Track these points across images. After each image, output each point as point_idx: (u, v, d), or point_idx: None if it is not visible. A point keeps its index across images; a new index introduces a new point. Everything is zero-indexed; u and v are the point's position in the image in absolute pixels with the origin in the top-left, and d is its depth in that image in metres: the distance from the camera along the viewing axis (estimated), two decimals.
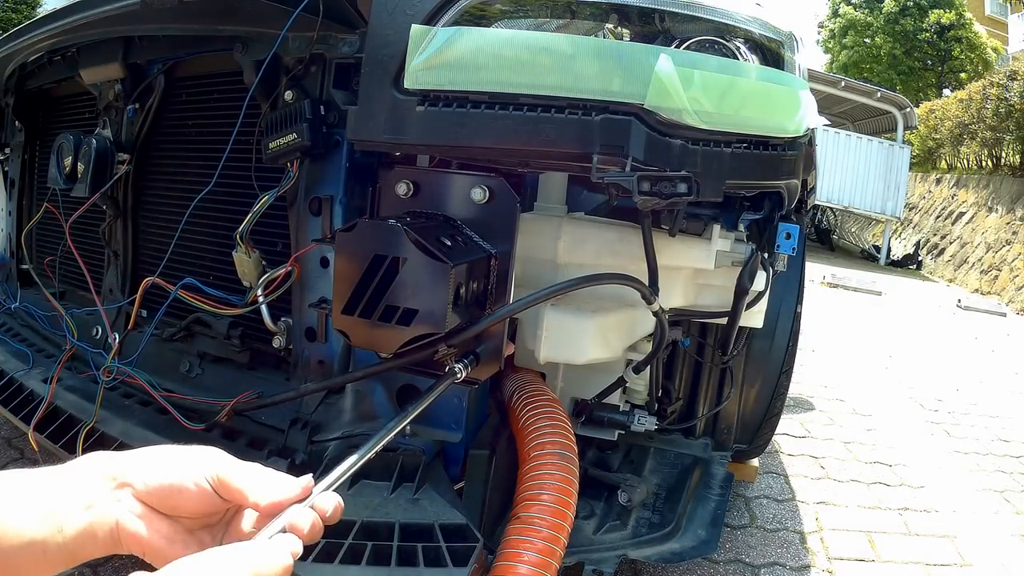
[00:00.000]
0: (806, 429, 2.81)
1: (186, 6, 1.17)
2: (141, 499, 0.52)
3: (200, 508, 0.53)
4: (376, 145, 1.02)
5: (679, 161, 0.90)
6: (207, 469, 0.53)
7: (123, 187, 1.56)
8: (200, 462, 0.54)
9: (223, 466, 0.54)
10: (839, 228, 14.31)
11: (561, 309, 1.24)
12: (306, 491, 0.54)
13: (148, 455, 0.54)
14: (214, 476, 0.53)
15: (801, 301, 1.76)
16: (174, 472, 0.53)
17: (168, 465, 0.53)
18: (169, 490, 0.52)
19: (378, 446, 0.65)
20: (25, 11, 12.45)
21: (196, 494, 0.53)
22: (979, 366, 4.56)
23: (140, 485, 0.52)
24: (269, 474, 0.55)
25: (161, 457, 0.54)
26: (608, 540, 1.33)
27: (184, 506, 0.53)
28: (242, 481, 0.53)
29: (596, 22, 1.01)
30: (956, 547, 1.96)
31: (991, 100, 9.74)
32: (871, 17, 19.01)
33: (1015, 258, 8.57)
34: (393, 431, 0.70)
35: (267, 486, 0.53)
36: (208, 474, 0.53)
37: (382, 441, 0.67)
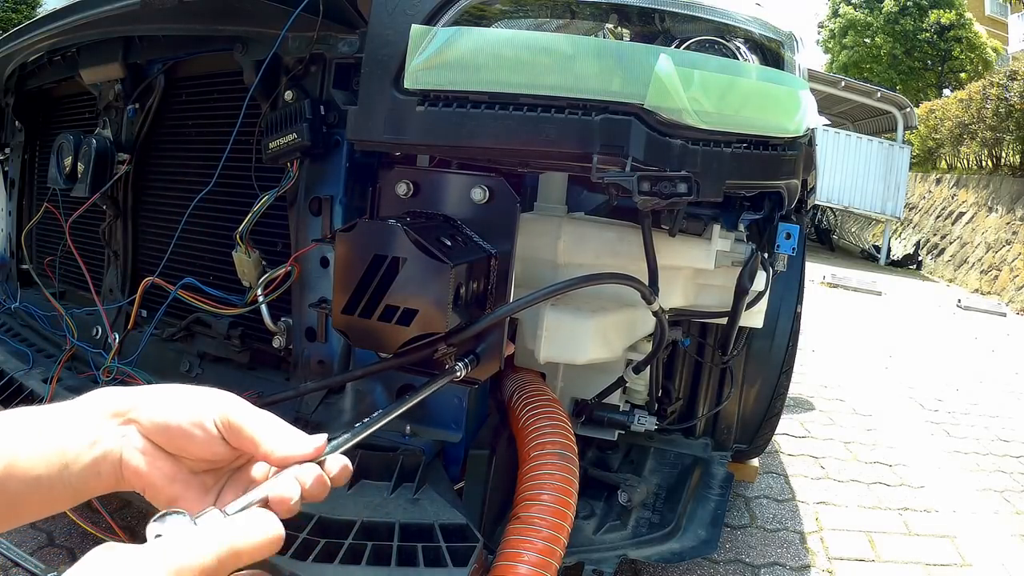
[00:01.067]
0: (806, 429, 2.81)
1: (186, 6, 1.17)
2: (146, 435, 0.51)
3: (206, 452, 0.52)
4: (376, 145, 1.02)
5: (679, 161, 0.90)
6: (216, 413, 0.52)
7: (123, 187, 1.56)
8: (211, 405, 0.52)
9: (235, 412, 0.52)
10: (839, 228, 14.32)
11: (561, 309, 1.24)
12: (318, 451, 0.53)
13: (158, 392, 0.53)
14: (224, 420, 0.52)
15: (801, 301, 1.76)
16: (182, 412, 0.51)
17: (177, 404, 0.52)
18: (175, 430, 0.51)
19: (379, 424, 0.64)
20: (25, 11, 12.45)
21: (203, 437, 0.51)
22: (979, 366, 4.56)
23: (146, 422, 0.51)
24: (282, 426, 0.54)
25: (171, 395, 0.53)
26: (608, 540, 1.33)
27: (189, 448, 0.52)
28: (254, 430, 0.52)
29: (596, 22, 1.01)
30: (956, 547, 1.96)
31: (991, 100, 9.74)
32: (871, 17, 19.01)
33: (1015, 258, 8.57)
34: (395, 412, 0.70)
35: (280, 438, 0.52)
36: (217, 418, 0.52)
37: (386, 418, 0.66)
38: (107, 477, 0.51)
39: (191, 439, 0.51)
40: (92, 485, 0.51)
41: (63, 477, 0.49)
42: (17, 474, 0.48)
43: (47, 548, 1.53)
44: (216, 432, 0.52)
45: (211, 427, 0.51)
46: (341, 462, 0.55)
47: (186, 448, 0.52)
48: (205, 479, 0.54)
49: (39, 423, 0.50)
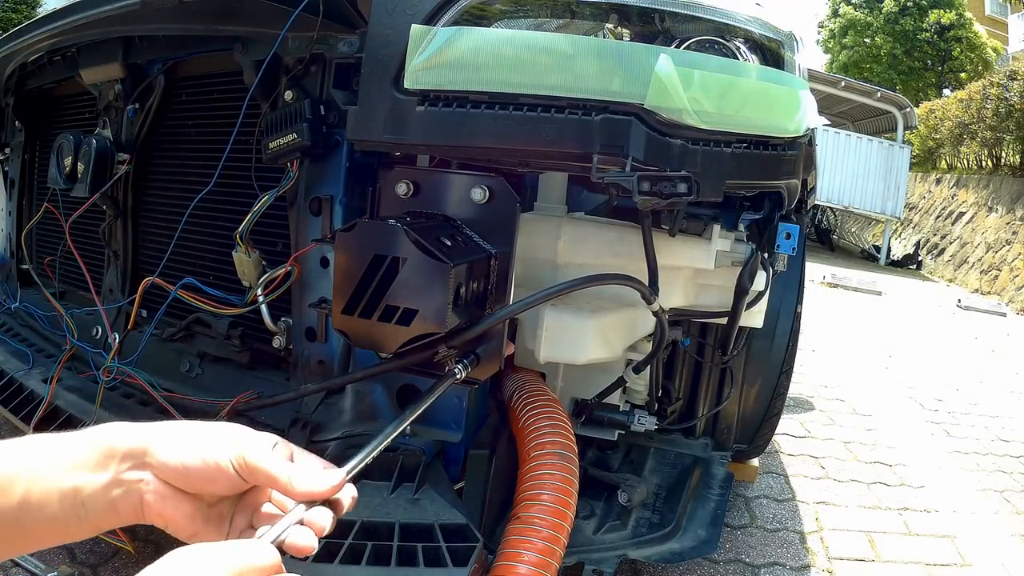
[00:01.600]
0: (806, 429, 2.81)
1: (186, 6, 1.18)
2: (164, 480, 0.52)
3: (222, 489, 0.54)
4: (376, 145, 1.02)
5: (679, 161, 0.90)
6: (232, 453, 0.53)
7: (123, 187, 1.56)
8: (225, 445, 0.54)
9: (250, 452, 0.53)
10: (839, 228, 14.32)
11: (561, 309, 1.24)
12: (335, 489, 0.55)
13: (171, 432, 0.54)
14: (240, 461, 0.53)
15: (801, 301, 1.76)
16: (198, 454, 0.53)
17: (192, 446, 0.53)
18: (193, 473, 0.52)
19: (384, 443, 0.66)
20: (25, 11, 12.45)
21: (218, 476, 0.53)
22: (979, 366, 4.56)
23: (162, 466, 0.52)
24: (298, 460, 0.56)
25: (185, 436, 0.54)
26: (608, 540, 1.33)
27: (207, 488, 0.53)
28: (270, 468, 0.53)
29: (596, 22, 1.01)
30: (956, 547, 1.96)
31: (991, 100, 9.74)
32: (871, 17, 19.01)
33: (1015, 258, 8.57)
34: (399, 428, 0.71)
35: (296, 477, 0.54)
36: (233, 458, 0.53)
37: (388, 438, 0.67)
38: (126, 515, 0.52)
39: (210, 481, 0.53)
40: (110, 522, 0.52)
41: (79, 514, 0.51)
42: (32, 508, 0.49)
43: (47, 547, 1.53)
44: (234, 473, 0.53)
45: (228, 468, 0.53)
46: (351, 494, 0.57)
47: (204, 488, 0.54)
48: (220, 508, 0.56)
49: (51, 457, 0.51)
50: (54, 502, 0.50)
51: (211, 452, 0.53)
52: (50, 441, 0.52)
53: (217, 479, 0.53)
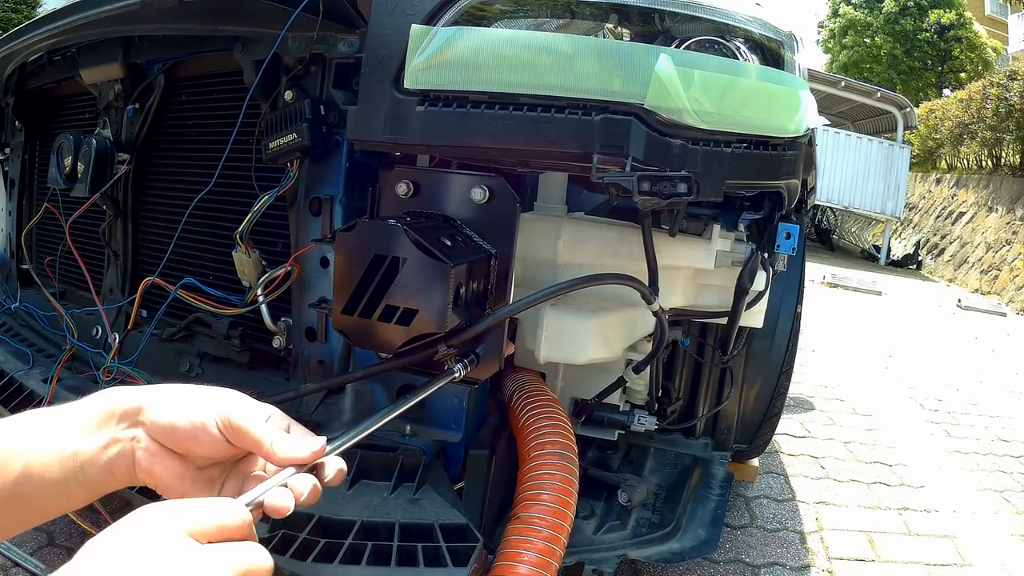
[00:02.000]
0: (806, 429, 2.81)
1: (186, 6, 1.18)
2: (154, 437, 0.54)
3: (210, 451, 0.55)
4: (376, 145, 1.02)
5: (679, 161, 0.90)
6: (218, 414, 0.54)
7: (123, 187, 1.56)
8: (212, 406, 0.55)
9: (236, 413, 0.54)
10: (839, 228, 14.31)
11: (561, 309, 1.24)
12: (316, 455, 0.55)
13: (162, 393, 0.56)
14: (225, 421, 0.54)
15: (801, 301, 1.76)
16: (185, 414, 0.54)
17: (181, 406, 0.54)
18: (180, 432, 0.54)
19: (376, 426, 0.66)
20: (25, 11, 12.45)
21: (205, 438, 0.54)
22: (979, 366, 4.56)
23: (152, 424, 0.54)
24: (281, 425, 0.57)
25: (174, 397, 0.55)
26: (608, 540, 1.33)
27: (194, 448, 0.54)
28: (255, 431, 0.54)
29: (596, 22, 1.01)
30: (956, 547, 1.96)
31: (991, 100, 9.74)
32: (871, 17, 19.01)
33: (1015, 258, 8.56)
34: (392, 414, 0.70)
35: (280, 441, 0.54)
36: (219, 419, 0.54)
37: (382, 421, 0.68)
38: (121, 476, 0.54)
39: (195, 440, 0.54)
40: (107, 483, 0.54)
41: (78, 478, 0.52)
42: (34, 477, 0.50)
43: (47, 548, 1.54)
44: (218, 433, 0.54)
45: (213, 429, 0.54)
46: (337, 465, 0.57)
47: (191, 448, 0.54)
48: (211, 472, 0.57)
49: (51, 426, 0.53)
50: (54, 469, 0.51)
51: (198, 412, 0.54)
52: (50, 412, 0.54)
53: (202, 439, 0.54)
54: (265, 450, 0.54)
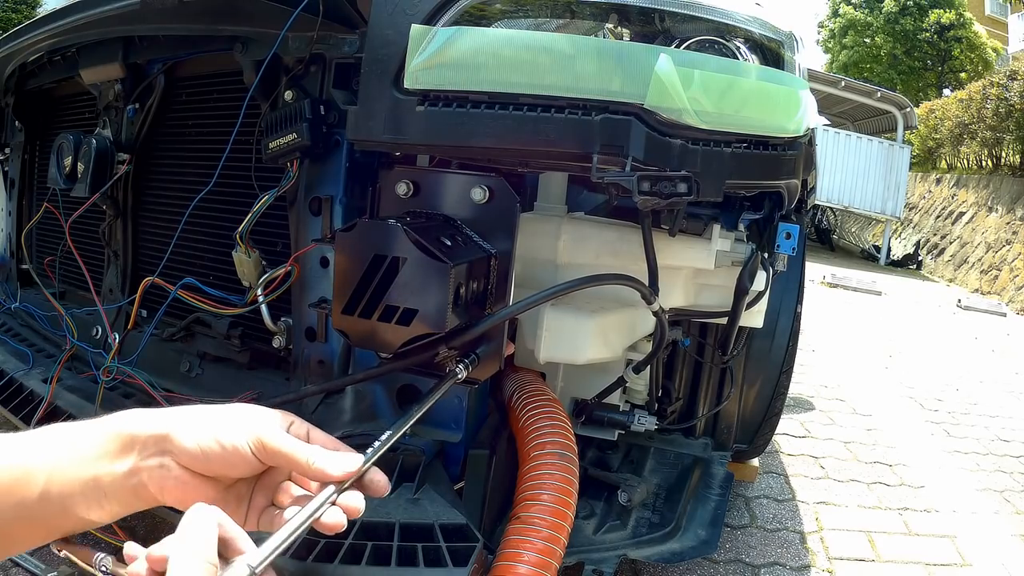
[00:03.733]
0: (806, 429, 2.81)
1: (186, 6, 1.17)
2: (184, 466, 0.53)
3: (241, 472, 0.55)
4: (376, 145, 1.02)
5: (679, 161, 0.89)
6: (250, 436, 0.54)
7: (123, 187, 1.56)
8: (241, 427, 0.54)
9: (268, 434, 0.54)
10: (839, 228, 14.31)
11: (561, 309, 1.24)
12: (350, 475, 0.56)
13: (189, 418, 0.55)
14: (257, 443, 0.54)
15: (801, 301, 1.76)
16: (216, 440, 0.53)
17: (208, 431, 0.54)
18: (212, 457, 0.53)
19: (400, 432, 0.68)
20: (25, 11, 12.45)
21: (237, 460, 0.54)
22: (979, 366, 4.56)
23: (181, 453, 0.53)
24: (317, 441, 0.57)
25: (201, 421, 0.55)
26: (608, 540, 1.33)
27: (226, 472, 0.54)
28: (291, 450, 0.54)
29: (596, 22, 1.01)
30: (956, 547, 1.96)
31: (991, 100, 9.74)
32: (871, 17, 19.01)
33: (1015, 258, 8.57)
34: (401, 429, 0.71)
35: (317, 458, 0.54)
36: (251, 441, 0.54)
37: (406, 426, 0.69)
38: (146, 499, 0.53)
39: (229, 465, 0.54)
40: (131, 507, 0.53)
41: (100, 503, 0.52)
42: (52, 499, 0.50)
43: (46, 547, 1.53)
44: (252, 456, 0.54)
45: (246, 451, 0.54)
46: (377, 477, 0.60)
47: (224, 473, 0.54)
48: (239, 488, 0.57)
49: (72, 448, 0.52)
50: (76, 493, 0.50)
51: (228, 436, 0.53)
52: (68, 431, 0.53)
53: (236, 463, 0.54)
54: (303, 468, 0.54)
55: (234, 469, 0.54)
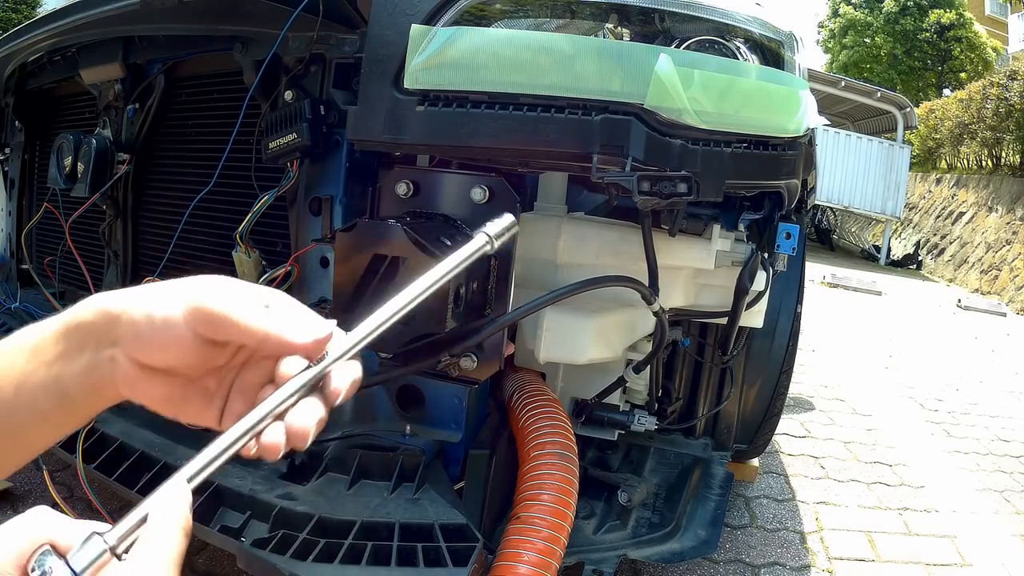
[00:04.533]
0: (806, 429, 2.81)
1: (186, 6, 1.18)
2: (130, 357, 0.44)
3: (184, 357, 0.44)
4: (376, 145, 1.02)
5: (679, 161, 0.90)
6: (186, 304, 0.43)
7: (123, 187, 1.56)
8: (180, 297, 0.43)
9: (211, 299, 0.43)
10: (839, 228, 14.31)
11: (561, 309, 1.24)
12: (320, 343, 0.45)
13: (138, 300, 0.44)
14: (195, 311, 0.42)
15: (801, 301, 1.76)
16: (147, 312, 0.43)
17: (144, 305, 0.44)
18: (145, 340, 0.43)
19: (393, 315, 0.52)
20: (25, 11, 12.45)
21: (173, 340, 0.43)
22: (979, 366, 4.56)
23: (126, 344, 0.44)
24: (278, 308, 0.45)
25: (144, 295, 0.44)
26: (608, 540, 1.33)
27: (165, 357, 0.44)
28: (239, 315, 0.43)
29: (596, 22, 1.01)
30: (956, 547, 1.96)
31: (991, 100, 9.74)
32: (871, 17, 19.01)
33: (1015, 258, 8.57)
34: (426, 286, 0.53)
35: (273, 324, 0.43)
36: (186, 310, 0.43)
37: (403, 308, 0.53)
38: (109, 396, 0.46)
39: (162, 347, 0.43)
40: (97, 405, 0.46)
41: (65, 406, 0.46)
42: (21, 411, 0.45)
43: None
44: (185, 328, 0.43)
45: (178, 322, 0.43)
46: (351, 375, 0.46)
47: (162, 359, 0.44)
48: (207, 384, 0.47)
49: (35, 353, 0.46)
50: (42, 400, 0.45)
51: (161, 306, 0.43)
52: (29, 335, 0.46)
53: (170, 344, 0.43)
54: (258, 337, 0.43)
55: (171, 352, 0.43)
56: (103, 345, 0.44)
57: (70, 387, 0.45)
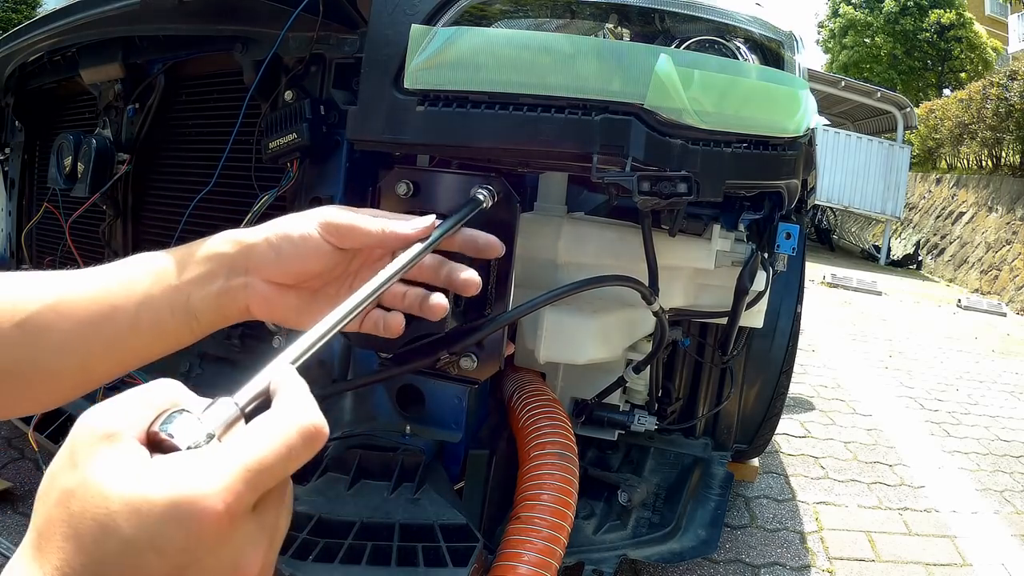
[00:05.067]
0: (806, 429, 2.81)
1: (186, 6, 1.18)
2: (268, 280, 0.53)
3: (317, 265, 0.54)
4: (376, 145, 1.02)
5: (679, 161, 0.89)
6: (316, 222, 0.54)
7: (123, 187, 1.56)
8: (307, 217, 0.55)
9: (334, 215, 0.54)
10: (839, 228, 14.31)
11: (561, 309, 1.24)
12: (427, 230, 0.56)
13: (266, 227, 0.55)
14: (323, 224, 0.54)
15: (801, 301, 1.76)
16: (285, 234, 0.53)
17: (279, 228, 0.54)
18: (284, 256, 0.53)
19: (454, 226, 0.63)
20: (25, 11, 12.46)
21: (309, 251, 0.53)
22: (979, 366, 4.56)
23: (261, 264, 0.53)
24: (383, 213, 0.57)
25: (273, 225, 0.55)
26: (608, 540, 1.33)
27: (305, 268, 0.54)
28: (360, 222, 0.54)
29: (596, 22, 1.01)
30: (956, 547, 1.96)
31: (991, 100, 9.74)
32: (871, 17, 19.02)
33: (1015, 258, 8.57)
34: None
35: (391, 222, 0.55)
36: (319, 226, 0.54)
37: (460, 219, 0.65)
38: (233, 317, 0.54)
39: (302, 259, 0.53)
40: (218, 324, 0.55)
41: (190, 326, 0.53)
42: (143, 331, 0.51)
43: None
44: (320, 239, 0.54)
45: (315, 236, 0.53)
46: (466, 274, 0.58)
47: (302, 270, 0.54)
48: (329, 291, 0.57)
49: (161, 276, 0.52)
50: (166, 320, 0.51)
51: (296, 227, 0.54)
52: (156, 259, 0.53)
53: (309, 255, 0.53)
54: (375, 237, 0.54)
55: (309, 262, 0.54)
56: (235, 273, 0.53)
57: (197, 308, 0.52)
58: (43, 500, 0.32)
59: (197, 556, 0.31)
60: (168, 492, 0.30)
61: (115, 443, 0.32)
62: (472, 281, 0.58)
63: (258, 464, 0.33)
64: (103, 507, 0.30)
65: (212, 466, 0.32)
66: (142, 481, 0.31)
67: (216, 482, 0.31)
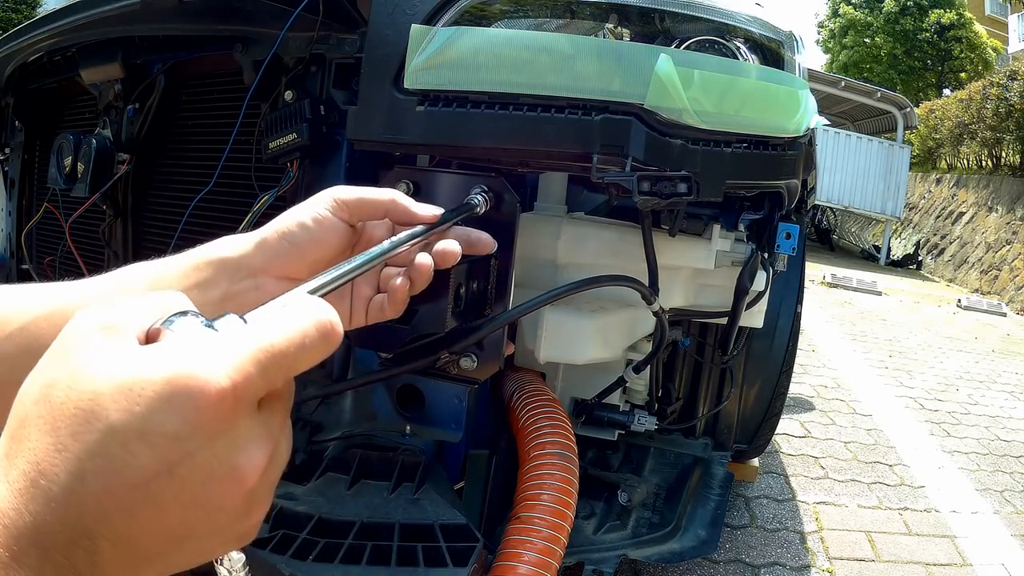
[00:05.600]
0: (806, 429, 2.82)
1: (186, 6, 1.18)
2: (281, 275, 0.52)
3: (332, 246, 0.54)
4: (376, 145, 1.02)
5: (679, 161, 0.90)
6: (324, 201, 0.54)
7: (123, 187, 1.56)
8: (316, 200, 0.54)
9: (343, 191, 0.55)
10: (839, 228, 14.31)
11: (561, 309, 1.24)
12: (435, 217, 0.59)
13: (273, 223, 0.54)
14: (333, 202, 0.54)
15: (801, 301, 1.76)
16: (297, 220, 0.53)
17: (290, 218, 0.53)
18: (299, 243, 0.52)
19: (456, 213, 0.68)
20: (25, 11, 12.46)
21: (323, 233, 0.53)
22: (979, 366, 4.56)
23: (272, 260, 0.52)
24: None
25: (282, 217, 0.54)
26: (608, 540, 1.33)
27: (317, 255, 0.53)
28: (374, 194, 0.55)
29: (596, 22, 1.01)
30: (956, 547, 1.96)
31: (991, 100, 9.74)
32: (871, 17, 19.03)
33: (1015, 258, 8.57)
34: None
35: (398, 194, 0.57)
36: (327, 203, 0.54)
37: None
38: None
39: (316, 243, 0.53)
40: None
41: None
42: None
43: None
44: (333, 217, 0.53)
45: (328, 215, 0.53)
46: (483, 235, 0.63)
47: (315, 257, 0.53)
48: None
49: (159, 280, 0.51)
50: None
51: (308, 212, 0.53)
52: (154, 266, 0.52)
53: (323, 236, 0.52)
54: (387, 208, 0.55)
55: (325, 245, 0.53)
56: (240, 276, 0.51)
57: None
58: (20, 401, 0.28)
59: (190, 449, 0.26)
60: (167, 370, 0.26)
61: (113, 334, 0.28)
62: (451, 251, 0.59)
63: (271, 346, 0.30)
64: (89, 391, 0.26)
65: (221, 345, 0.28)
66: (139, 363, 0.27)
67: (224, 361, 0.28)
